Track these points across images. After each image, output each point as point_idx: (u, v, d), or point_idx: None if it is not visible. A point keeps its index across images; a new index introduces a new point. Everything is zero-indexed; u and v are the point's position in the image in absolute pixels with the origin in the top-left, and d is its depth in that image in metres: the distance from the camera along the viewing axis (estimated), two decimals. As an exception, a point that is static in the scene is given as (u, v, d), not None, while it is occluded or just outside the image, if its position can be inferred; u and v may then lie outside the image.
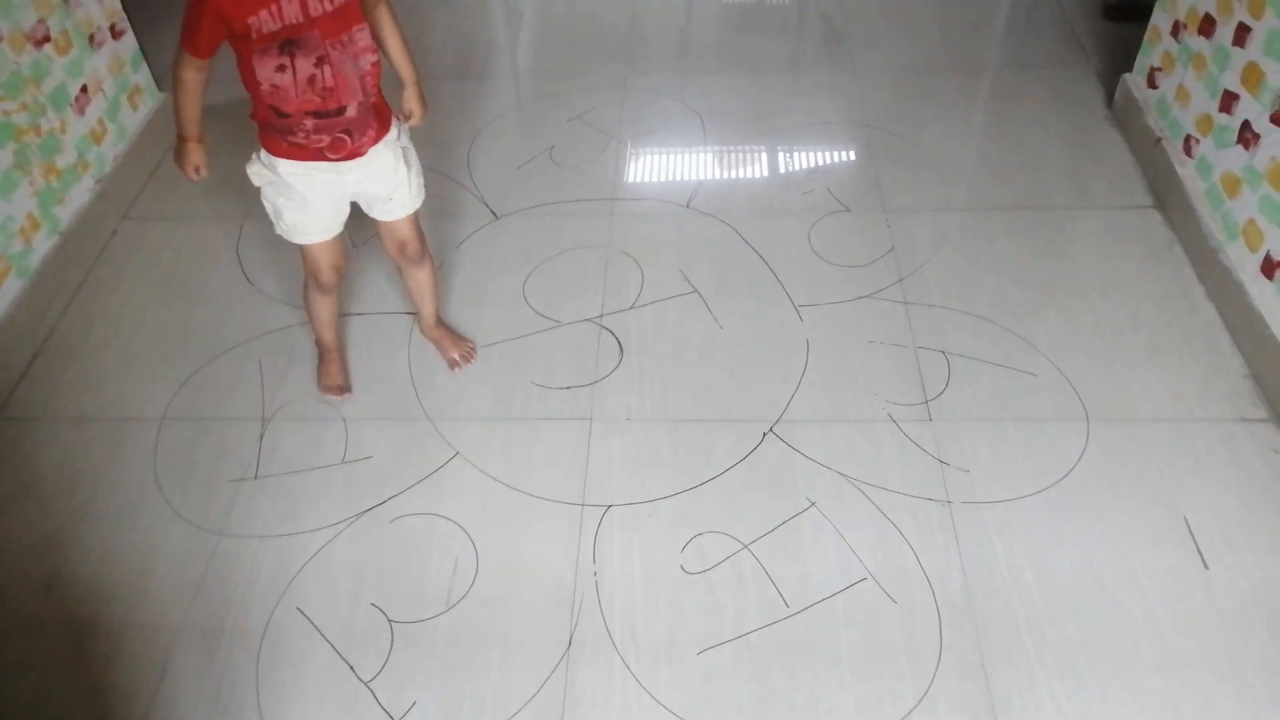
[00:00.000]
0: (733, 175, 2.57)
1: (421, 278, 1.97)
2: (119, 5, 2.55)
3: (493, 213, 2.45)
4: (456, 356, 2.04)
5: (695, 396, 1.99)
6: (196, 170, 1.74)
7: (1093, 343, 2.05)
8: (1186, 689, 1.51)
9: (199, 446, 1.92)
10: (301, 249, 1.80)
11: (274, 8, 1.46)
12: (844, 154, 2.63)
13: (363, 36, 1.57)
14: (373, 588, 1.69)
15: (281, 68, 1.51)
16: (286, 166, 1.66)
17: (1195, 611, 1.60)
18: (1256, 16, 1.97)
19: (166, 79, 2.95)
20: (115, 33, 2.53)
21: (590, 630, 1.61)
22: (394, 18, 1.70)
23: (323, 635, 1.62)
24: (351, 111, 1.60)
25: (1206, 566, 1.66)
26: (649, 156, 2.64)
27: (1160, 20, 2.40)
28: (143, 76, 2.64)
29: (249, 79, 1.56)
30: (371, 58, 1.60)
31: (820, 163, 2.60)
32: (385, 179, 1.74)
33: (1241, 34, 2.02)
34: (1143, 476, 1.80)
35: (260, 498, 1.83)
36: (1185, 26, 2.27)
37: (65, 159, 2.29)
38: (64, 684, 1.57)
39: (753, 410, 1.95)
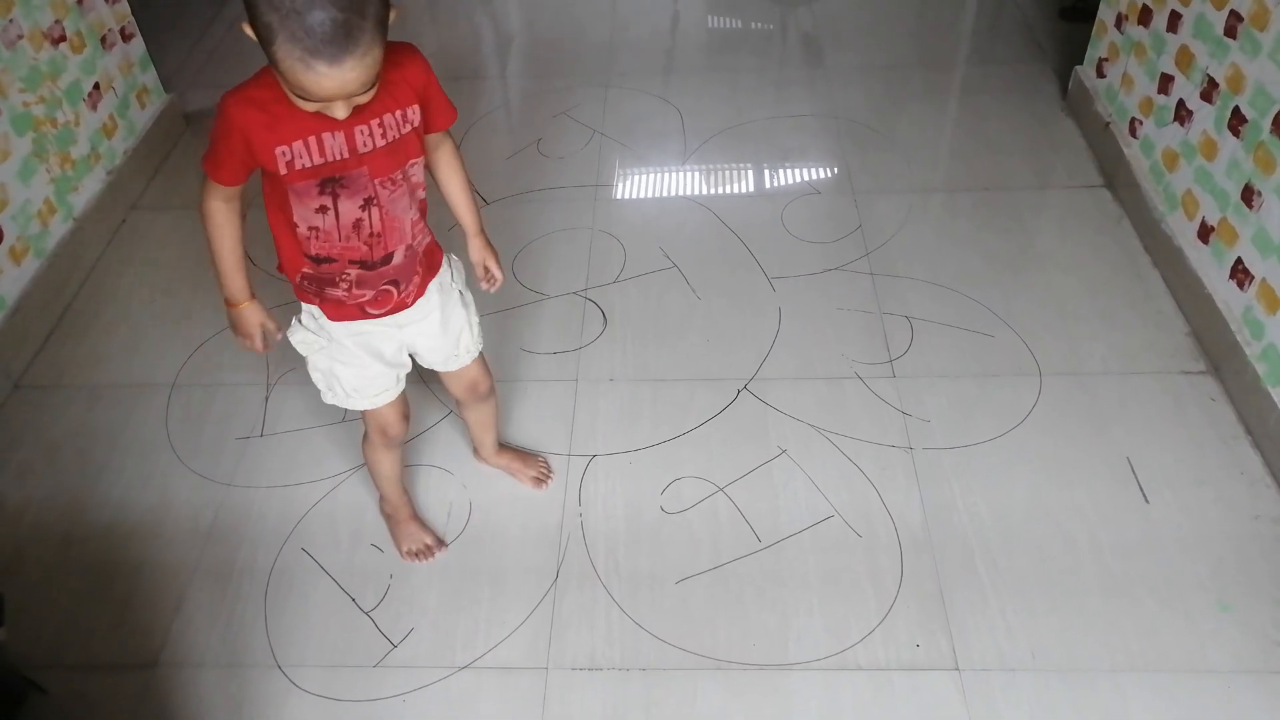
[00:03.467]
0: (709, 163, 2.72)
1: (488, 410, 1.76)
2: (128, 10, 2.69)
3: (483, 199, 2.59)
4: (536, 474, 1.85)
5: (674, 360, 2.12)
6: (263, 333, 1.46)
7: (1047, 308, 2.19)
8: (1126, 606, 1.63)
9: (208, 409, 2.05)
10: (364, 414, 1.58)
11: (312, 141, 1.20)
12: (814, 143, 2.78)
13: (416, 171, 1.33)
14: (373, 531, 1.80)
15: (323, 209, 1.26)
16: (341, 329, 1.43)
17: (1136, 541, 1.73)
18: (1185, 4, 2.13)
19: (174, 79, 3.12)
20: (125, 35, 2.67)
21: (575, 564, 1.73)
22: (457, 155, 1.47)
23: (326, 571, 1.74)
24: (399, 258, 1.36)
25: (1147, 501, 1.79)
26: (629, 147, 2.79)
27: (1105, 14, 2.57)
28: (150, 77, 2.79)
29: (278, 219, 1.32)
30: (422, 194, 1.38)
31: (791, 151, 2.75)
32: (445, 326, 1.52)
33: (1174, 20, 2.19)
34: (1090, 423, 1.93)
35: (266, 453, 1.95)
36: (1127, 18, 2.44)
37: (79, 150, 2.43)
38: (86, 620, 1.68)
39: (728, 370, 2.08)
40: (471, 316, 1.58)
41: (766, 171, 2.69)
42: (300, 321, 1.46)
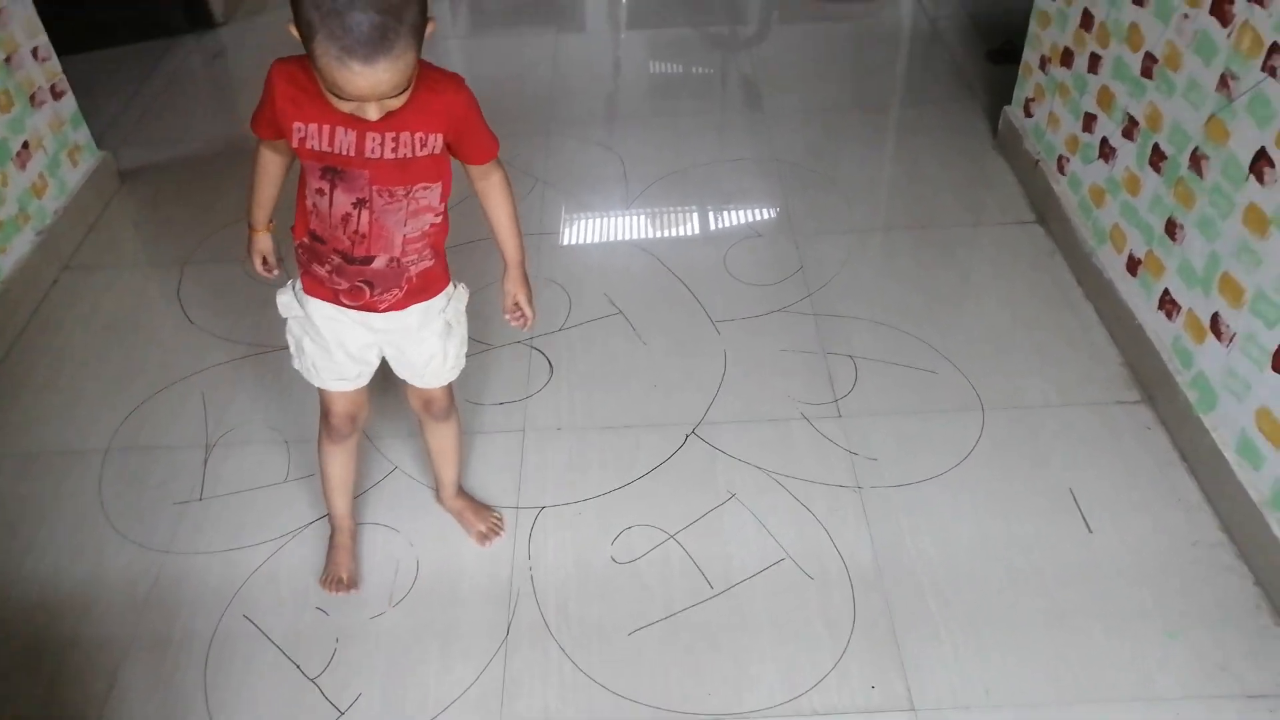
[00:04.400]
0: (652, 208, 2.74)
1: (446, 435, 1.76)
2: (59, 68, 2.66)
3: (426, 250, 2.58)
4: (484, 529, 1.83)
5: (622, 406, 2.11)
6: (265, 263, 1.58)
7: (986, 342, 2.23)
8: (1074, 638, 1.65)
9: (144, 474, 1.99)
10: (320, 390, 1.61)
11: (326, 129, 1.27)
12: (755, 186, 2.82)
13: (428, 197, 1.37)
14: (317, 593, 1.76)
15: (321, 192, 1.33)
16: (317, 308, 1.48)
17: (1080, 571, 1.75)
18: (1104, 45, 2.21)
19: (106, 136, 3.07)
20: (55, 93, 2.63)
21: (526, 619, 1.71)
22: (506, 186, 1.49)
23: (269, 639, 1.69)
24: (379, 264, 1.40)
25: (1090, 530, 1.82)
26: (572, 194, 2.81)
27: (1030, 57, 2.66)
28: (82, 135, 2.74)
29: (301, 185, 1.39)
30: (432, 219, 1.40)
31: (733, 195, 2.79)
32: (417, 346, 1.55)
33: (1094, 62, 2.27)
34: (1032, 456, 1.96)
35: (206, 517, 1.90)
36: (1050, 60, 2.52)
37: (7, 211, 2.37)
38: (13, 701, 1.61)
39: (675, 415, 2.08)
40: (450, 348, 1.59)
41: (709, 215, 2.72)
42: (291, 286, 1.52)
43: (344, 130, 1.27)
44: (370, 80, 1.13)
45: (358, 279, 1.42)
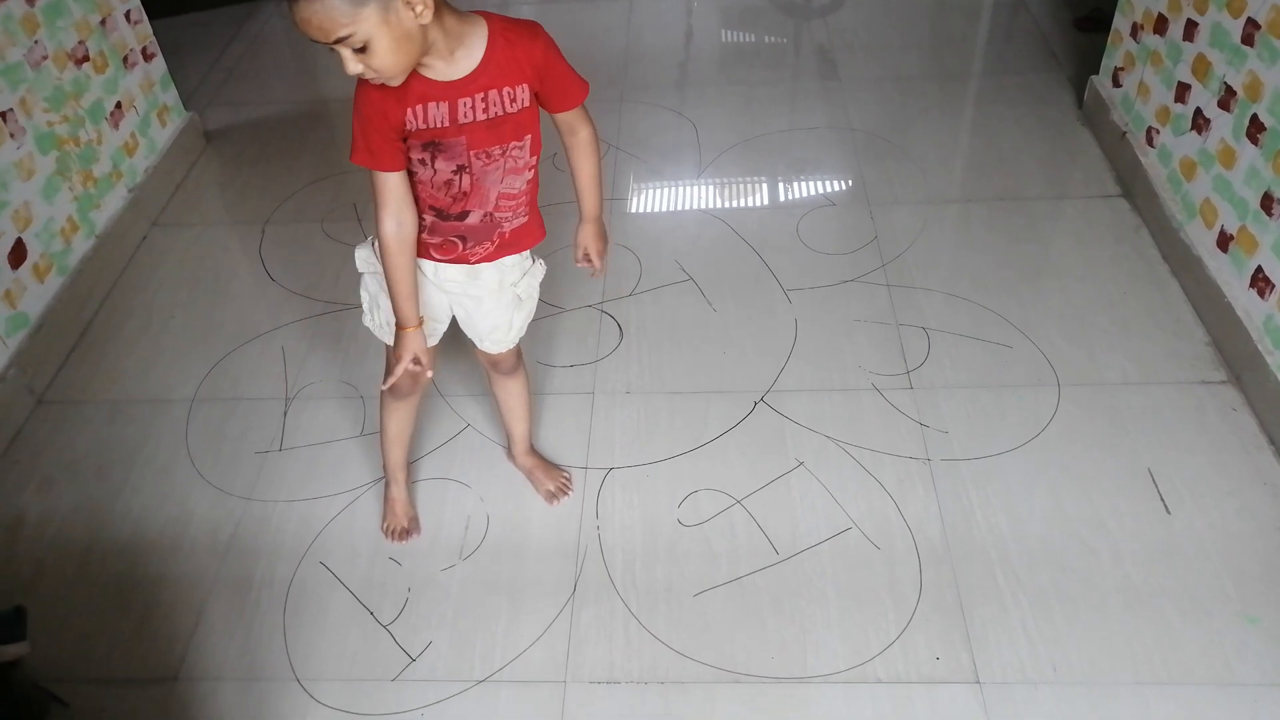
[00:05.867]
0: (724, 176, 2.73)
1: (513, 390, 1.79)
2: (150, 30, 2.73)
3: (499, 213, 2.60)
4: (553, 488, 1.86)
5: (691, 372, 2.12)
6: (417, 363, 1.49)
7: (1065, 318, 2.18)
8: (1149, 619, 1.61)
9: (227, 424, 2.06)
10: (386, 348, 1.59)
11: (420, 109, 1.29)
12: (829, 155, 2.79)
13: (522, 154, 1.39)
14: (390, 544, 1.81)
15: (422, 161, 1.35)
16: None
17: (1158, 551, 1.71)
18: (1201, 12, 2.13)
19: (194, 98, 3.16)
20: (146, 55, 2.71)
21: (593, 577, 1.73)
22: (594, 142, 1.51)
23: (344, 585, 1.74)
24: (473, 220, 1.43)
25: (1169, 512, 1.77)
26: (645, 160, 2.80)
27: (1120, 24, 2.57)
28: (171, 96, 2.82)
29: None
30: (528, 176, 1.43)
31: (807, 163, 2.75)
32: (485, 314, 1.57)
33: (1190, 29, 2.18)
34: (1110, 434, 1.92)
35: (284, 467, 1.96)
36: (1142, 27, 2.43)
37: (101, 168, 2.46)
38: (107, 631, 1.69)
39: (745, 382, 2.08)
40: (517, 320, 1.62)
41: (781, 184, 2.69)
42: (371, 242, 1.50)
43: (435, 105, 1.29)
44: (301, 19, 1.14)
45: (451, 234, 1.44)
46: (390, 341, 1.56)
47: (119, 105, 2.55)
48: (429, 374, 1.54)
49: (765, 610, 1.66)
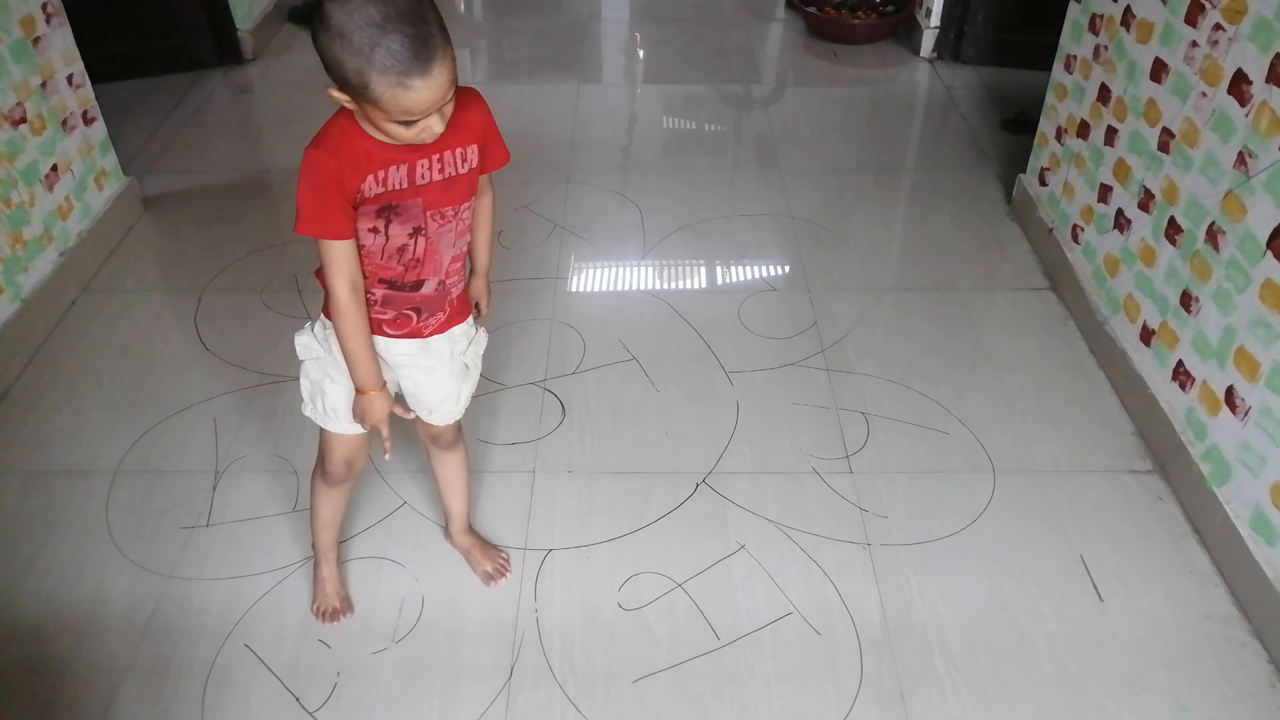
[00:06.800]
0: (667, 259, 2.77)
1: (453, 466, 1.77)
2: (92, 95, 2.70)
3: (443, 288, 2.60)
4: (490, 569, 1.82)
5: (633, 452, 2.11)
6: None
7: (999, 406, 2.24)
8: (1084, 707, 1.63)
9: (151, 497, 1.98)
10: (322, 433, 1.58)
11: (380, 174, 1.29)
12: (770, 241, 2.85)
13: (469, 214, 1.42)
14: (320, 626, 1.74)
15: (374, 230, 1.33)
16: None
17: (1091, 640, 1.73)
18: (1120, 119, 2.26)
19: (133, 163, 3.11)
20: (87, 119, 2.67)
21: (531, 662, 1.69)
22: (494, 206, 1.55)
23: (270, 669, 1.67)
24: (428, 289, 1.43)
25: (1101, 599, 1.81)
26: (590, 241, 2.83)
27: (1046, 127, 2.71)
28: (110, 161, 2.78)
29: None
30: (468, 238, 1.45)
31: (748, 248, 2.82)
32: (440, 378, 1.56)
33: (1110, 135, 2.31)
34: (1044, 521, 1.96)
35: (211, 544, 1.89)
36: (1066, 131, 2.57)
37: (32, 230, 2.40)
38: (6, 721, 1.59)
39: (687, 463, 2.08)
40: (465, 391, 1.62)
41: (724, 268, 2.75)
42: (311, 328, 1.49)
43: (395, 168, 1.29)
44: (435, 87, 1.17)
45: (406, 306, 1.44)
46: (333, 429, 1.54)
47: (55, 168, 2.50)
48: (386, 449, 1.50)
49: (706, 697, 1.64)
